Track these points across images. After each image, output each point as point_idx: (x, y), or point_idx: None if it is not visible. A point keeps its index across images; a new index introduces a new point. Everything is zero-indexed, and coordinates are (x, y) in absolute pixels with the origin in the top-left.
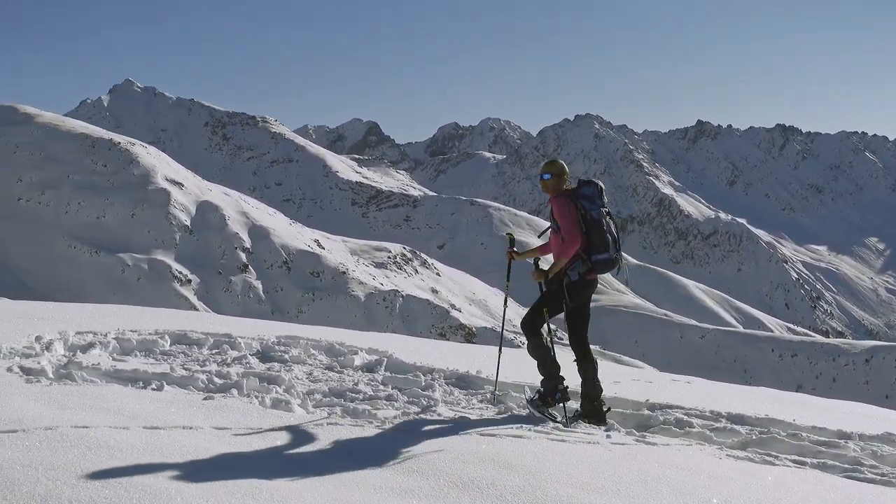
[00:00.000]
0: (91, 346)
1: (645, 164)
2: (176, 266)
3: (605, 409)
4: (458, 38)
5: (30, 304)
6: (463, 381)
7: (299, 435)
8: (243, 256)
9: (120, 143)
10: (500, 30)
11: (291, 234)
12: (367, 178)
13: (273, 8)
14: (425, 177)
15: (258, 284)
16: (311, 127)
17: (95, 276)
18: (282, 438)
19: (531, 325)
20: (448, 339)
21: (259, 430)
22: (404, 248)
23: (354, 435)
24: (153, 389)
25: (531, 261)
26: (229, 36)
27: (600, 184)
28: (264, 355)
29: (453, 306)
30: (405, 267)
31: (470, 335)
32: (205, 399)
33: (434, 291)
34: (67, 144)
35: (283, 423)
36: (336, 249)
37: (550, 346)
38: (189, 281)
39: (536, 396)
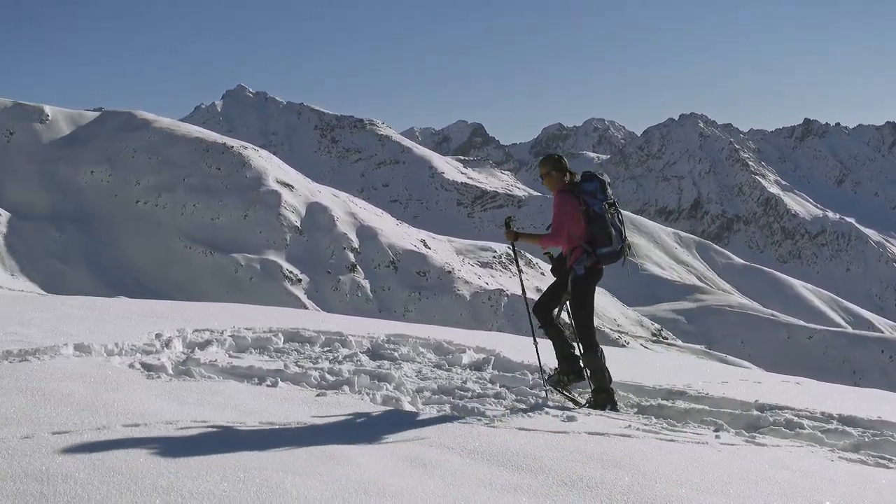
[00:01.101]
0: (208, 343)
1: (751, 162)
2: (287, 266)
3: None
4: (562, 39)
5: (149, 303)
6: None
7: (410, 431)
8: (351, 256)
9: (233, 146)
10: (604, 29)
11: (398, 234)
12: (472, 178)
13: (380, 13)
14: (530, 177)
15: (366, 284)
16: (417, 129)
17: (210, 275)
18: (392, 435)
19: (542, 312)
20: None
21: (371, 426)
22: (508, 247)
23: (463, 432)
24: (268, 386)
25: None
26: (338, 41)
27: (604, 178)
28: (374, 353)
29: None
30: (510, 266)
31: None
32: (318, 395)
33: (539, 290)
34: (183, 148)
35: (394, 420)
36: (442, 249)
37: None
38: (299, 280)
39: (554, 373)
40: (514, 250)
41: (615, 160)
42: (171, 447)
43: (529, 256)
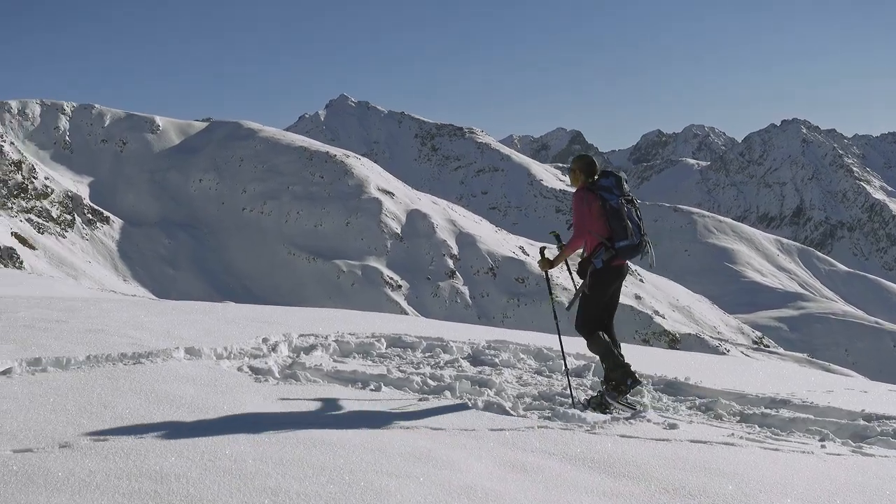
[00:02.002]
0: (313, 347)
1: (855, 168)
2: (387, 272)
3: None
4: (662, 45)
5: (255, 308)
6: (671, 388)
7: (511, 437)
8: (451, 263)
9: (336, 155)
10: (705, 36)
11: (497, 241)
12: (570, 186)
13: (480, 24)
14: (629, 184)
15: (465, 290)
16: (516, 137)
17: (313, 281)
18: (493, 440)
19: (584, 328)
20: (651, 346)
21: (472, 431)
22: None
23: (564, 438)
24: (371, 390)
25: (543, 254)
26: (438, 51)
27: (620, 174)
28: (475, 359)
29: (657, 312)
30: None
31: (674, 341)
32: (420, 400)
33: (637, 297)
34: (287, 157)
35: (495, 425)
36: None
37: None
38: (400, 286)
39: (610, 388)
40: (547, 280)
41: (715, 166)
42: (279, 449)
43: (628, 263)
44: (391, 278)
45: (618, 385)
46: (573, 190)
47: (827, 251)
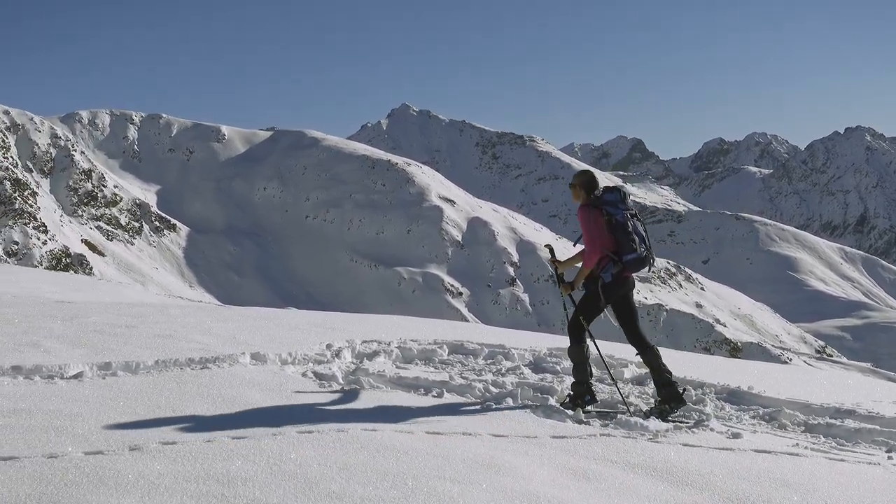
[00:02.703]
0: (376, 353)
1: None
2: (448, 279)
3: (681, 391)
4: (722, 53)
5: (318, 315)
6: (734, 397)
7: (573, 445)
8: (511, 270)
9: (397, 163)
10: (765, 44)
11: (557, 249)
12: (631, 194)
13: (539, 32)
14: (689, 192)
15: (525, 297)
16: (576, 145)
17: (374, 288)
18: (555, 447)
19: (575, 331)
20: (712, 354)
21: (534, 438)
22: (668, 262)
23: (627, 447)
24: (434, 396)
25: (555, 271)
26: (498, 60)
27: (623, 189)
28: (537, 366)
29: (718, 321)
30: (669, 281)
31: (735, 350)
32: (482, 407)
33: (698, 306)
34: (350, 165)
35: (558, 432)
36: None
37: (597, 350)
38: (460, 293)
39: (567, 400)
40: (556, 274)
41: (777, 174)
42: (342, 454)
43: (689, 271)
44: (452, 285)
45: (575, 398)
46: (576, 201)
47: (891, 260)
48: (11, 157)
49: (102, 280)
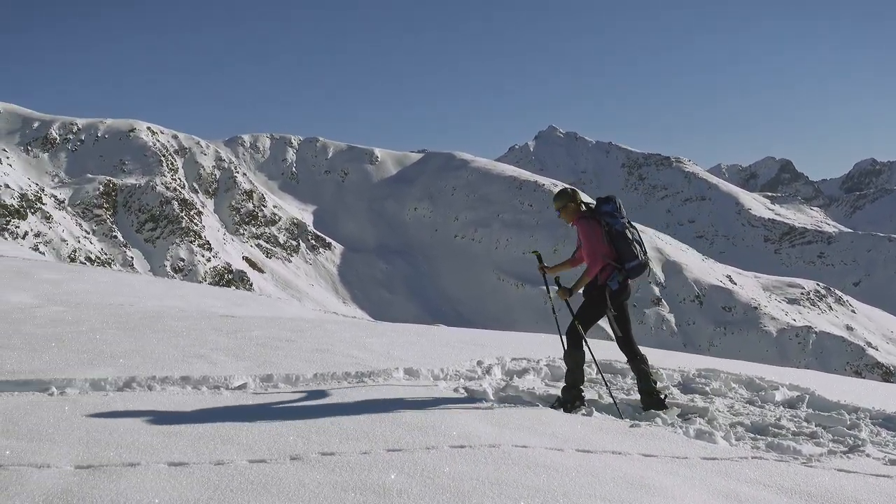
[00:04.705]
0: (525, 371)
1: None
2: None
3: (662, 397)
4: (874, 73)
5: (468, 332)
6: (891, 423)
7: (724, 467)
8: (657, 290)
9: (544, 184)
10: None
11: (704, 269)
12: (779, 215)
13: (685, 55)
14: (840, 213)
15: (671, 317)
16: (723, 166)
17: (521, 306)
18: (706, 469)
19: (573, 336)
20: (864, 378)
21: (684, 459)
22: (818, 284)
23: (779, 470)
24: (583, 415)
25: (551, 277)
26: (644, 82)
27: (618, 200)
28: (685, 387)
29: (869, 344)
30: (818, 303)
31: (888, 374)
32: (631, 426)
33: (849, 329)
34: (497, 186)
35: (708, 453)
36: (748, 285)
37: (592, 356)
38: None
39: (556, 403)
40: (569, 306)
41: None
42: (494, 470)
43: (839, 293)
44: None
45: (564, 403)
46: (570, 222)
47: None
48: (179, 178)
49: (262, 296)
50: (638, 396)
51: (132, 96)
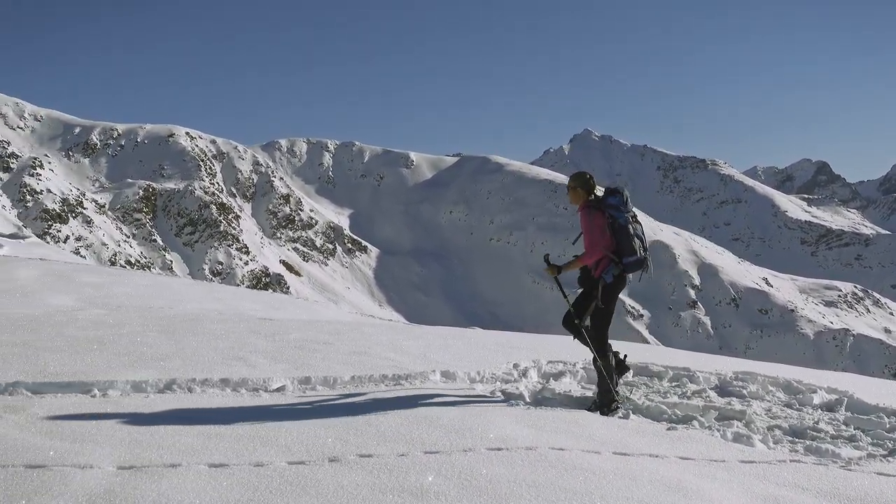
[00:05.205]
0: (562, 374)
1: None
2: (629, 301)
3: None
4: None
5: (504, 334)
6: None
7: (762, 470)
8: (692, 293)
9: None
10: None
11: (740, 272)
12: (816, 217)
13: (718, 56)
14: (878, 215)
15: (706, 320)
16: (759, 168)
17: (557, 309)
18: (744, 472)
19: (598, 340)
20: None
21: (722, 462)
22: (855, 286)
23: (818, 474)
24: (620, 418)
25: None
26: (678, 84)
27: (625, 193)
28: (722, 389)
29: None
30: (856, 306)
31: None
32: (668, 429)
33: (887, 331)
34: (532, 190)
35: (746, 457)
36: (784, 287)
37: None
38: (641, 315)
39: (593, 406)
40: (559, 283)
41: None
42: (531, 472)
43: (877, 296)
44: (633, 307)
45: (601, 407)
46: (575, 205)
47: None
48: (217, 182)
49: (299, 299)
50: (674, 399)
51: (171, 101)
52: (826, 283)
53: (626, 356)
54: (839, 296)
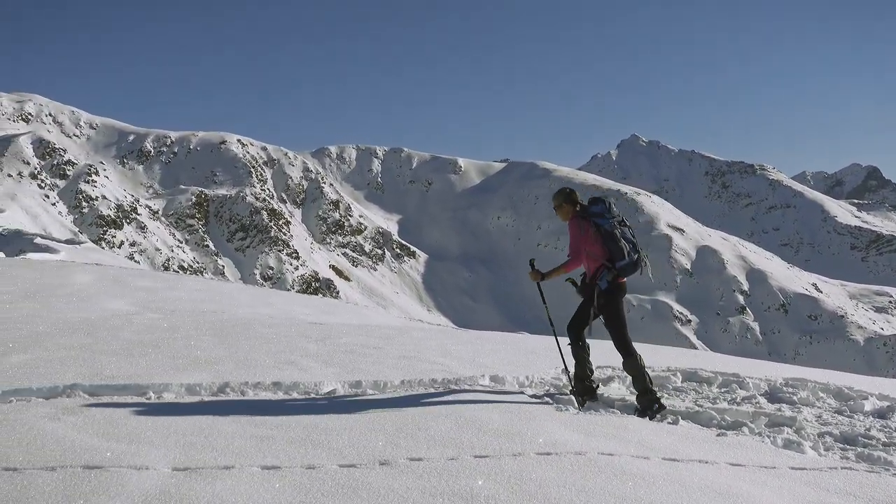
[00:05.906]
0: (610, 379)
1: None
2: (677, 307)
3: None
4: None
5: (552, 339)
6: None
7: (813, 477)
8: (741, 299)
9: (627, 193)
10: None
11: (789, 277)
12: (866, 222)
13: (767, 63)
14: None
15: (755, 326)
16: (808, 173)
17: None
18: (795, 479)
19: (625, 347)
20: None
21: (772, 469)
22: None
23: (870, 482)
24: (669, 423)
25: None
26: (727, 89)
27: (608, 200)
28: (772, 396)
29: None
30: None
31: None
32: (718, 435)
33: None
34: (580, 195)
35: (796, 463)
36: (834, 293)
37: (559, 350)
38: (689, 321)
39: (641, 412)
40: (539, 288)
41: None
42: (581, 477)
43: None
44: (680, 313)
45: (645, 410)
46: (565, 221)
47: None
48: (268, 189)
49: (349, 303)
50: (723, 405)
51: (223, 109)
52: (876, 288)
53: (598, 385)
54: (890, 301)
